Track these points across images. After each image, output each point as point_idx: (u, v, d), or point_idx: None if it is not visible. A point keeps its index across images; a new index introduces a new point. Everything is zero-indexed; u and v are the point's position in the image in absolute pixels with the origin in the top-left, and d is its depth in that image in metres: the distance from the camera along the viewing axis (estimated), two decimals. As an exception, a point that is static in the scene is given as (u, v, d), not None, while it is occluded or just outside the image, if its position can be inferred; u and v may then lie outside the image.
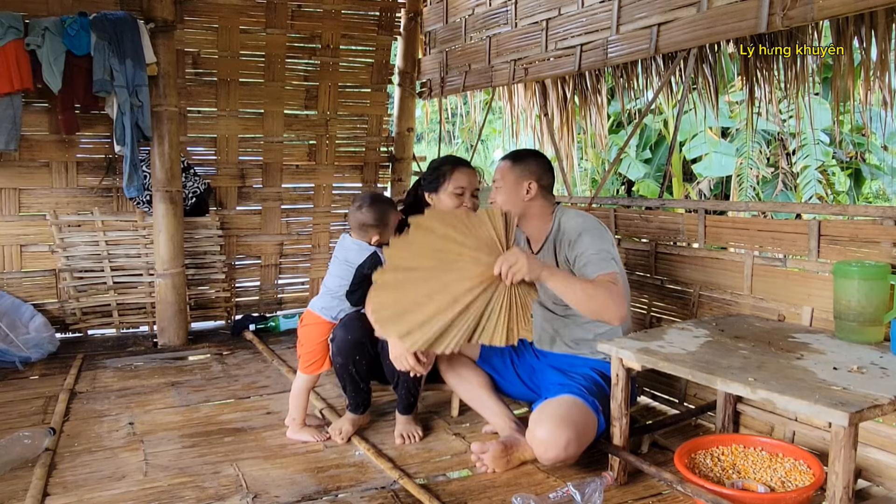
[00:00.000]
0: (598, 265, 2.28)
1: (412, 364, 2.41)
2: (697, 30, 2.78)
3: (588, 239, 2.35)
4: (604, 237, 2.37)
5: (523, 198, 2.46)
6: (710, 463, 2.12)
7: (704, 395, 2.80)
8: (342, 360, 2.55)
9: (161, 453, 2.51)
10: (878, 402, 1.63)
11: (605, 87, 4.18)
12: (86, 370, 3.56)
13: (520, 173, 2.47)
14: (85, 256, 4.24)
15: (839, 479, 1.63)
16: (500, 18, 4.03)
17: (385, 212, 2.56)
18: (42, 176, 4.17)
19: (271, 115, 4.70)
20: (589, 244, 2.33)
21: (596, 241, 2.33)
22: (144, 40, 3.78)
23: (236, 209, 4.72)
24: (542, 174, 2.49)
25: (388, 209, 2.58)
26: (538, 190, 2.47)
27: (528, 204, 2.47)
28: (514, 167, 2.49)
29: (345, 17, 4.75)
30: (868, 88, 2.92)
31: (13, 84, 3.58)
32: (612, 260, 2.30)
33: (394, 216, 2.59)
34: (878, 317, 2.13)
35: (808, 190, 7.91)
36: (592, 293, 2.16)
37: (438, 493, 2.19)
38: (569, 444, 2.15)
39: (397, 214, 2.62)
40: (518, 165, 2.48)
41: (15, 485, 2.24)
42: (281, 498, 2.17)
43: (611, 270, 2.26)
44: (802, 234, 2.48)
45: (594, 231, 2.38)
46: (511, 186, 2.46)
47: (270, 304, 4.88)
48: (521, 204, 2.47)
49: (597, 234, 2.37)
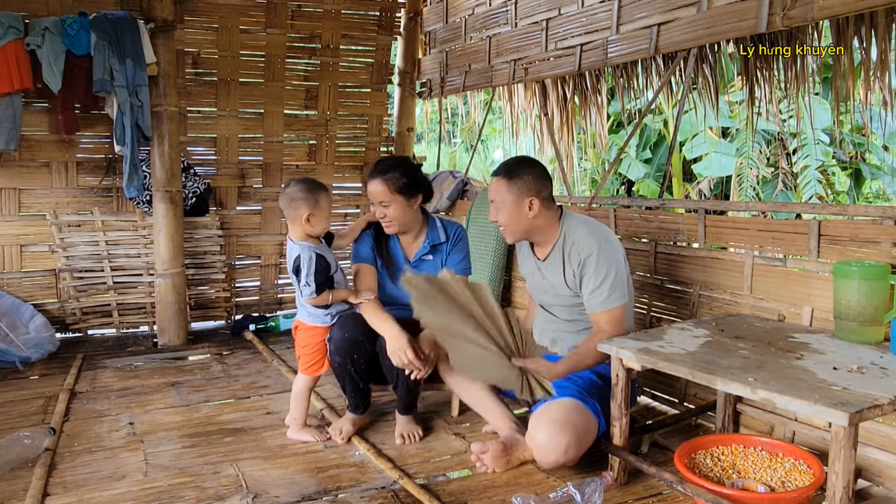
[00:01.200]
0: (606, 302, 2.33)
1: (411, 358, 2.40)
2: (697, 30, 2.78)
3: (595, 266, 2.33)
4: (613, 258, 2.35)
5: (527, 215, 2.38)
6: (710, 463, 2.12)
7: (704, 395, 2.80)
8: (340, 360, 2.54)
9: (161, 453, 2.51)
10: (878, 402, 1.63)
11: (605, 87, 4.18)
12: (86, 370, 3.56)
13: (518, 192, 2.36)
14: (85, 256, 4.24)
15: (839, 479, 1.62)
16: (500, 18, 4.03)
17: (313, 186, 2.51)
18: (42, 176, 4.17)
19: (271, 115, 4.70)
20: (597, 274, 2.33)
21: (603, 268, 2.32)
22: (144, 40, 3.78)
23: (236, 209, 4.72)
24: (542, 186, 2.39)
25: (316, 186, 2.53)
26: (540, 204, 2.38)
27: (533, 221, 2.40)
28: (510, 185, 2.36)
29: (345, 17, 4.75)
30: (868, 88, 2.91)
31: (13, 84, 3.58)
32: (620, 286, 2.33)
33: (325, 197, 2.52)
34: (878, 317, 2.12)
35: (808, 190, 7.90)
36: (599, 357, 2.27)
37: (438, 493, 2.19)
38: (568, 448, 2.15)
39: (328, 197, 2.55)
40: (514, 182, 2.36)
41: (15, 485, 2.24)
42: (281, 498, 2.17)
43: (614, 306, 2.33)
44: (802, 234, 2.48)
45: (603, 253, 2.34)
46: (512, 207, 2.37)
47: (270, 304, 4.88)
48: (526, 222, 2.40)
49: (605, 256, 2.33)
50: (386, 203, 2.62)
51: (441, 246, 2.75)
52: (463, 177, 4.56)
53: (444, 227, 2.79)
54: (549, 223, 2.44)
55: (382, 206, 2.63)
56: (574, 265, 2.38)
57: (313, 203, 2.49)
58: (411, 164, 2.74)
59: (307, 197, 2.48)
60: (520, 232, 2.45)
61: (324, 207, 2.51)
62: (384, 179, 2.61)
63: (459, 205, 4.46)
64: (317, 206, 2.49)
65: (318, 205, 2.49)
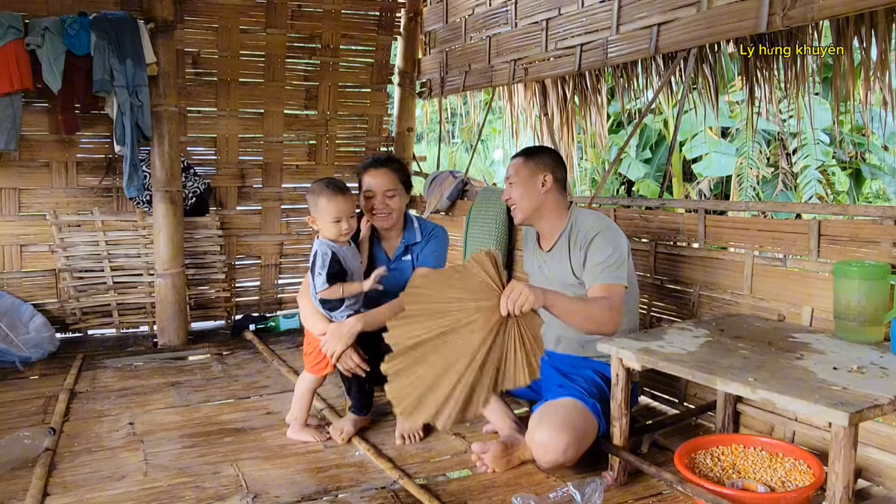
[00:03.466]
0: (604, 275, 2.31)
1: (357, 362, 2.45)
2: (697, 30, 2.78)
3: (601, 243, 2.35)
4: (617, 240, 2.37)
5: (539, 190, 2.46)
6: (710, 463, 2.12)
7: (704, 395, 2.80)
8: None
9: (161, 453, 2.51)
10: (878, 402, 1.63)
11: (605, 87, 4.18)
12: (86, 370, 3.56)
13: (534, 167, 2.47)
14: (85, 256, 4.24)
15: (839, 479, 1.62)
16: (500, 18, 4.03)
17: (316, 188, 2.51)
18: (42, 176, 4.17)
19: (271, 115, 4.70)
20: (601, 249, 2.34)
21: (608, 246, 2.34)
22: (144, 40, 3.78)
23: (236, 209, 4.72)
24: (556, 167, 2.50)
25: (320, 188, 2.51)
26: (553, 183, 2.47)
27: (545, 197, 2.47)
28: (527, 162, 2.49)
29: (345, 17, 4.75)
30: (868, 88, 2.91)
31: (13, 84, 3.58)
32: (621, 266, 2.32)
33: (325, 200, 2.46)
34: (878, 317, 2.12)
35: (808, 190, 7.91)
36: (590, 314, 2.21)
37: (438, 493, 2.19)
38: (568, 448, 2.15)
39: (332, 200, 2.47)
40: (532, 160, 2.49)
41: (15, 485, 2.24)
42: (281, 498, 2.17)
43: (615, 282, 2.30)
44: (802, 234, 2.48)
45: (608, 233, 2.38)
46: (526, 180, 2.46)
47: (270, 304, 4.88)
48: (538, 197, 2.46)
49: (610, 236, 2.37)
50: (392, 193, 2.66)
51: (415, 246, 2.78)
52: (463, 177, 4.56)
53: (421, 227, 2.82)
54: (559, 207, 2.50)
55: (388, 195, 2.66)
56: (578, 247, 2.41)
57: (312, 205, 2.51)
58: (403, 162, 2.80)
59: (308, 199, 2.51)
60: (530, 208, 2.48)
61: (323, 210, 2.48)
62: (392, 169, 2.67)
63: (459, 205, 4.46)
64: (315, 209, 2.50)
65: (316, 207, 2.50)
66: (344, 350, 2.46)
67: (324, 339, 2.50)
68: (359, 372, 2.49)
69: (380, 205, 2.67)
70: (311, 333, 2.60)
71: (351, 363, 2.47)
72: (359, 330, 2.47)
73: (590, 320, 2.22)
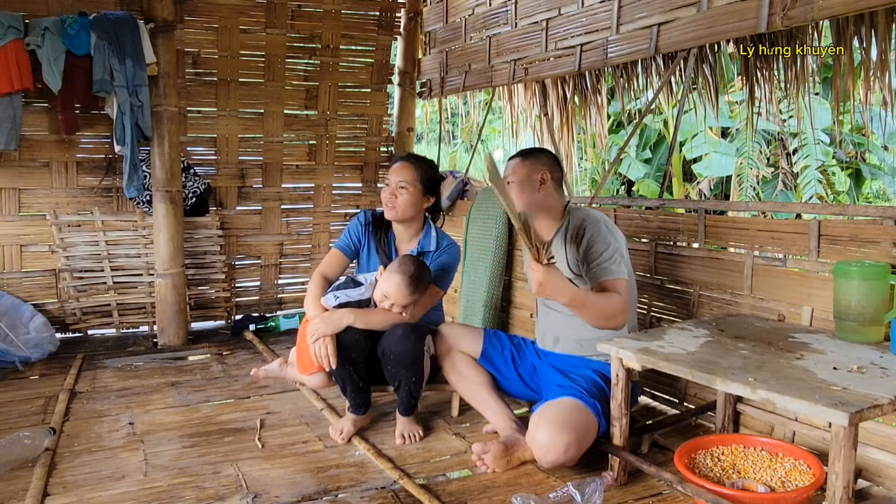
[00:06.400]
0: (608, 271, 2.33)
1: (328, 353, 2.45)
2: (697, 30, 2.78)
3: (600, 238, 2.37)
4: (616, 236, 2.41)
5: (536, 188, 2.49)
6: (710, 463, 2.12)
7: (704, 395, 2.80)
8: (339, 361, 2.54)
9: (161, 453, 2.51)
10: (878, 402, 1.63)
11: (605, 87, 4.17)
12: (86, 370, 3.56)
13: (532, 166, 2.50)
14: (85, 256, 4.24)
15: (839, 479, 1.63)
16: (500, 18, 4.03)
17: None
18: (42, 176, 4.17)
19: (271, 115, 4.70)
20: (601, 244, 2.36)
21: (608, 242, 2.36)
22: (144, 40, 3.78)
23: (236, 209, 4.72)
24: (553, 167, 2.54)
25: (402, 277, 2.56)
26: (551, 180, 2.51)
27: (542, 195, 2.50)
28: (524, 161, 2.53)
29: (345, 17, 4.75)
30: (868, 88, 2.91)
31: (13, 84, 3.58)
32: (620, 261, 2.34)
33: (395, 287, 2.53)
34: (878, 317, 2.13)
35: (808, 190, 7.91)
36: (602, 310, 2.26)
37: (438, 493, 2.19)
38: (568, 448, 2.15)
39: (400, 285, 2.53)
40: (529, 159, 2.53)
41: (15, 485, 2.24)
42: (281, 498, 2.17)
43: (620, 277, 2.32)
44: (802, 234, 2.48)
45: (606, 229, 2.40)
46: (523, 178, 2.49)
47: (270, 304, 4.88)
48: (535, 195, 2.49)
49: (608, 232, 2.40)
50: (404, 186, 2.70)
51: (428, 254, 2.79)
52: (463, 177, 4.56)
53: (439, 238, 2.83)
54: (555, 205, 2.53)
55: (399, 186, 2.71)
56: (575, 243, 2.42)
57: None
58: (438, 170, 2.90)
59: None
60: (528, 207, 2.48)
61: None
62: (416, 165, 2.74)
63: (459, 205, 4.46)
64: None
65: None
66: (324, 335, 2.46)
67: (313, 322, 2.52)
68: (324, 364, 2.48)
69: (388, 194, 2.73)
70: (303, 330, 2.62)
71: (322, 350, 2.47)
72: (348, 322, 2.49)
73: (604, 314, 2.27)
